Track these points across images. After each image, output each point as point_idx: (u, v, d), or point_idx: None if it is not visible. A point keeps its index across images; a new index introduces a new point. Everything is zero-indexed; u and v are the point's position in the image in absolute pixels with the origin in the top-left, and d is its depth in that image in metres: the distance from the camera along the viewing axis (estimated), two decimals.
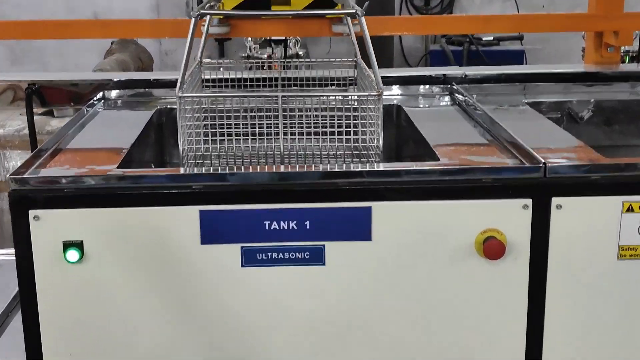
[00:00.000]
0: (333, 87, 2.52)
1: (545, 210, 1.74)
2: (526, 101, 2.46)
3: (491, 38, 6.49)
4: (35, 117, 2.70)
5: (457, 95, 2.49)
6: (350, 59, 2.49)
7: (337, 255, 1.74)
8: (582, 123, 2.52)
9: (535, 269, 1.76)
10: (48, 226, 1.69)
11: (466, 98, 2.39)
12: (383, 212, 1.73)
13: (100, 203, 1.70)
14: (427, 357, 1.82)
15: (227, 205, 1.71)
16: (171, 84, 2.53)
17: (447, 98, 2.54)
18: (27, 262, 1.70)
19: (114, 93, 2.56)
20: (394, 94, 2.58)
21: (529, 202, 1.73)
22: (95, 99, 2.50)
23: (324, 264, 1.74)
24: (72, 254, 1.69)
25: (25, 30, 2.67)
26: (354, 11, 2.02)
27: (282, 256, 1.73)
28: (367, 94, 1.94)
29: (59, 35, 2.76)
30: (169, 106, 2.45)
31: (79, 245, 1.69)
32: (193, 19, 1.98)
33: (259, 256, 1.73)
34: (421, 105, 2.50)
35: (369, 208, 1.72)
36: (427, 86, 2.60)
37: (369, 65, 1.95)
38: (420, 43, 7.14)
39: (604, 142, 2.50)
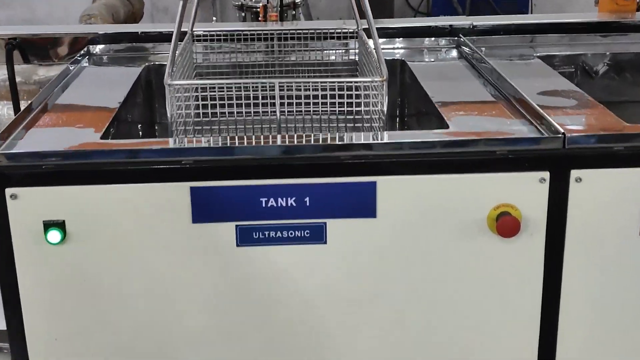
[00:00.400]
0: (333, 41, 2.38)
1: (563, 183, 1.63)
2: (537, 55, 2.32)
3: None
4: (22, 66, 2.57)
5: (464, 48, 2.35)
6: (352, 29, 2.35)
7: (339, 233, 1.64)
8: (596, 78, 2.39)
9: (552, 246, 1.66)
10: (27, 205, 1.58)
11: (474, 52, 2.25)
12: (388, 187, 1.62)
13: (83, 180, 1.59)
14: (434, 340, 1.73)
15: (220, 181, 1.60)
16: (160, 38, 2.41)
17: (453, 52, 2.40)
18: (5, 244, 1.60)
19: (99, 48, 2.42)
20: (397, 47, 2.44)
21: (546, 175, 1.62)
22: (79, 54, 2.36)
23: (325, 243, 1.64)
24: (54, 235, 1.59)
25: None
26: None
27: (280, 234, 1.63)
28: (370, 79, 1.81)
29: None
30: (157, 63, 2.32)
31: (60, 226, 1.59)
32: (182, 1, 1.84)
33: (256, 235, 1.63)
34: (426, 60, 2.36)
35: (374, 183, 1.61)
36: (433, 38, 2.45)
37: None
38: None
39: (620, 98, 2.38)
